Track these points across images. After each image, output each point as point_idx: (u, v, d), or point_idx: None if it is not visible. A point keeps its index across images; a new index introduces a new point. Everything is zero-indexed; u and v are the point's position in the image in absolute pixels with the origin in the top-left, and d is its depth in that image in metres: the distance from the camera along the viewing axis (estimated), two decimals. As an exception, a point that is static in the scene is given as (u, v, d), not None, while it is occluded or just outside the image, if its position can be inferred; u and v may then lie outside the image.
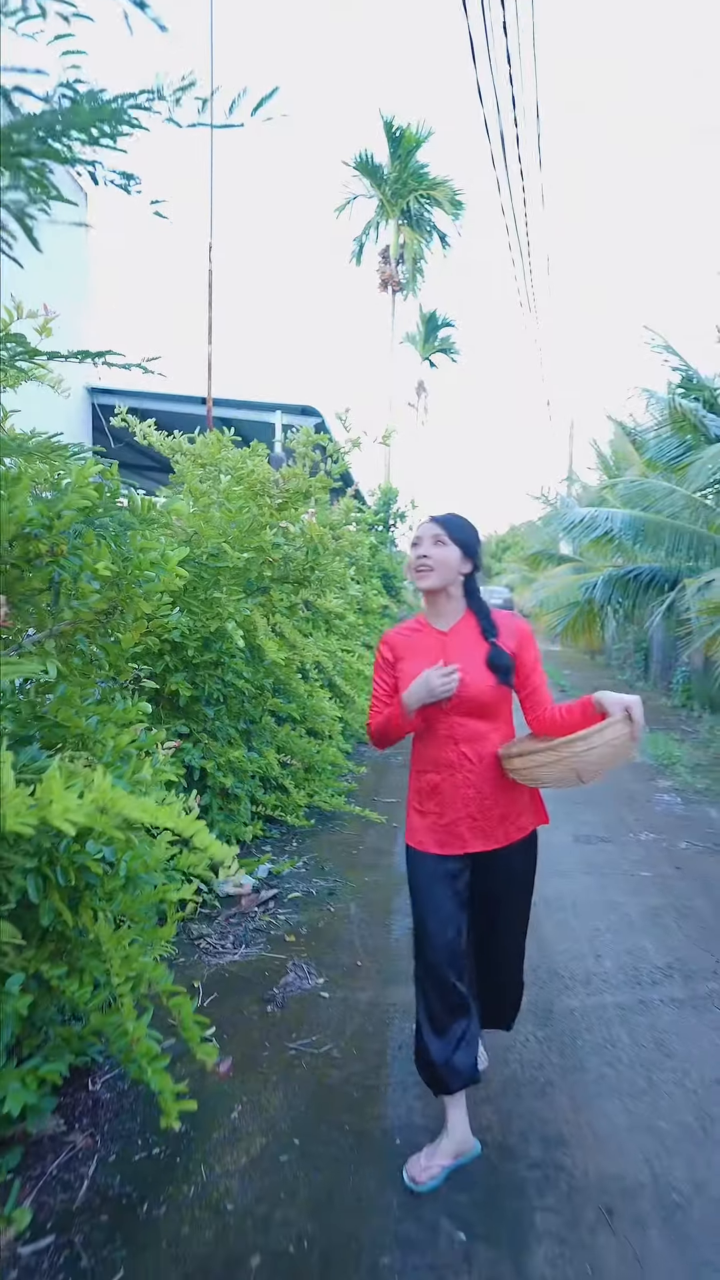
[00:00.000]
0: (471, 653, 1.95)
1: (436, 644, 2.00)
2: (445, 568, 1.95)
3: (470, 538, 2.00)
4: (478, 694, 1.92)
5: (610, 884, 3.90)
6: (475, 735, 1.96)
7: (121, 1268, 1.62)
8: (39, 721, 1.83)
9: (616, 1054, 2.42)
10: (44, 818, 1.36)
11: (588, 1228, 1.74)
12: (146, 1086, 2.18)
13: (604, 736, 1.75)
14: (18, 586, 1.77)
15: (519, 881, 2.07)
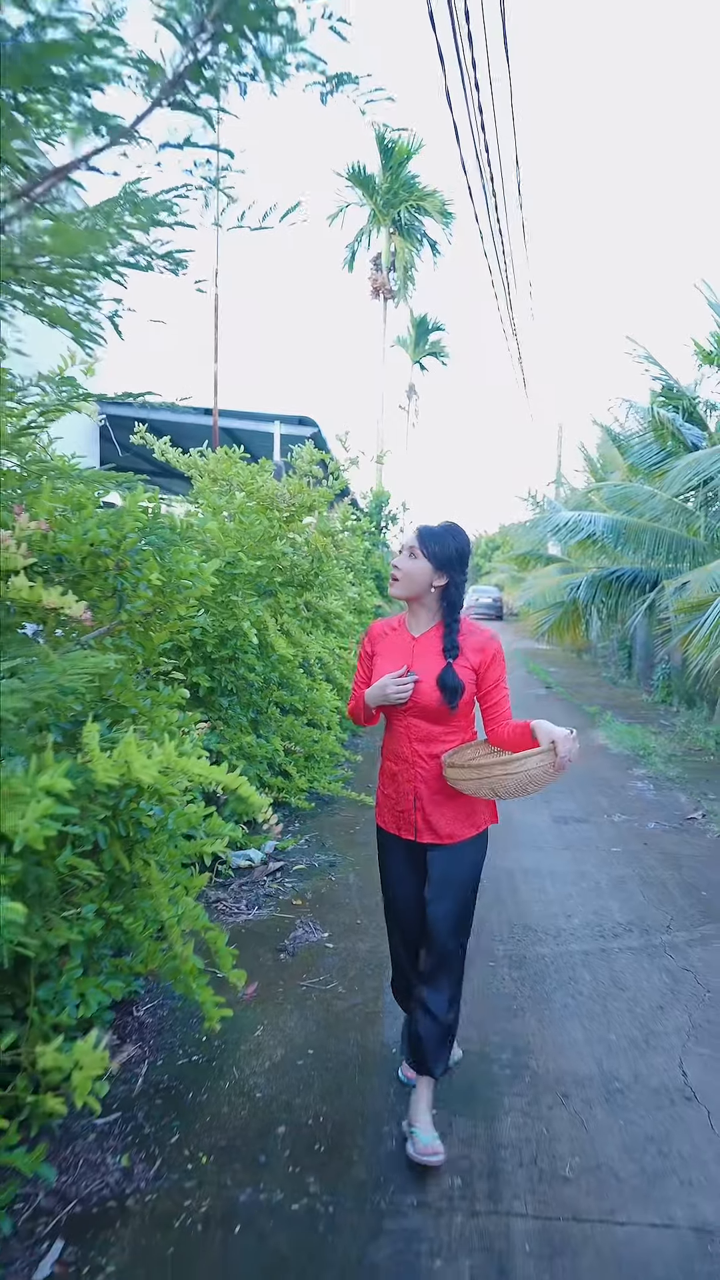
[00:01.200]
0: (431, 664, 2.05)
1: (406, 647, 2.10)
2: (411, 580, 2.04)
3: (446, 551, 2.03)
4: (428, 703, 2.03)
5: (583, 858, 4.34)
6: (429, 736, 2.08)
7: (177, 1133, 2.04)
8: (104, 703, 2.24)
9: (578, 988, 2.85)
10: (125, 773, 1.80)
11: (546, 1106, 2.17)
12: (182, 1012, 2.63)
13: (525, 765, 1.86)
14: (86, 594, 2.19)
15: (467, 874, 2.11)
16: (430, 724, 2.08)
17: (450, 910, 2.10)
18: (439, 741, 2.08)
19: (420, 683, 2.04)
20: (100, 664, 1.89)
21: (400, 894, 2.20)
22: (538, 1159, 1.97)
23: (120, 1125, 2.07)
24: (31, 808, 1.40)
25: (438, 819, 2.09)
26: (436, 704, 2.02)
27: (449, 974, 2.13)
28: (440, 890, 2.10)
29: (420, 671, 2.05)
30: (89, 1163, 1.93)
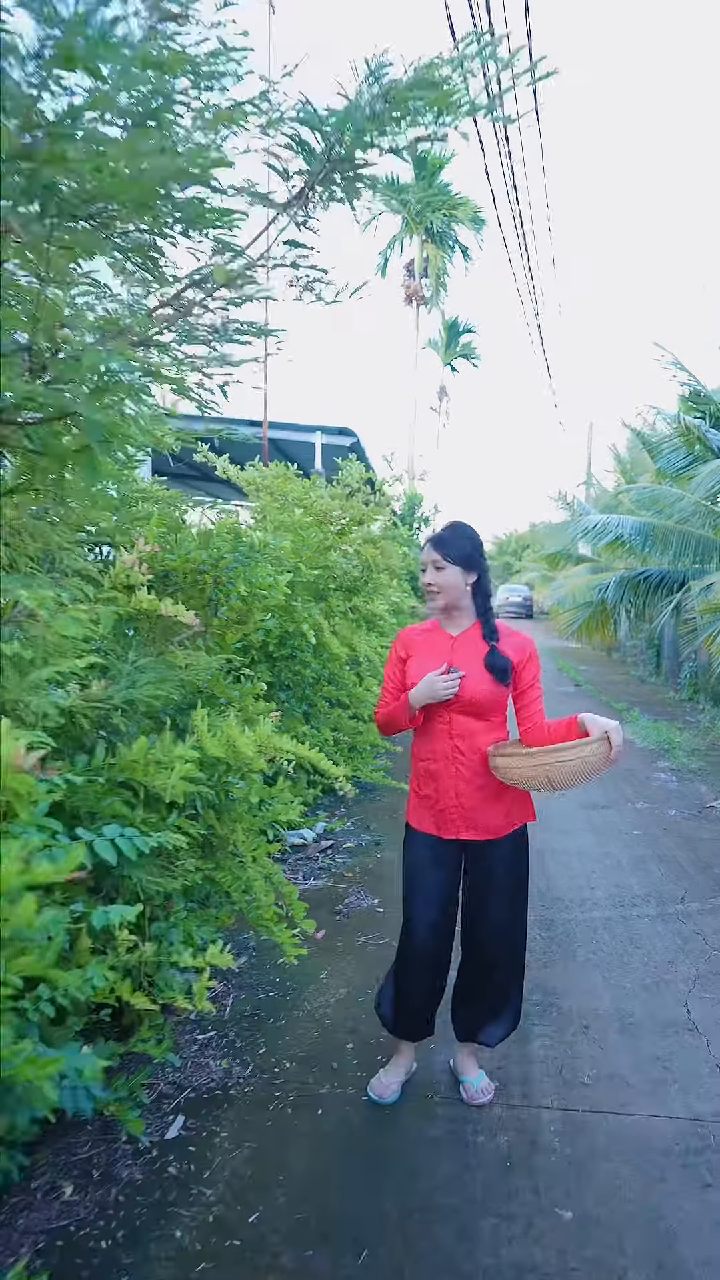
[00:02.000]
0: (474, 655, 2.11)
1: (445, 645, 2.16)
2: (449, 589, 2.11)
3: (466, 550, 2.11)
4: (475, 695, 2.08)
5: (607, 840, 4.74)
6: (469, 732, 2.12)
7: (263, 1046, 2.49)
8: (200, 694, 2.70)
9: (600, 946, 3.26)
10: (231, 750, 2.25)
11: (570, 1034, 2.59)
12: (257, 960, 3.07)
13: (580, 753, 1.91)
14: (188, 604, 2.64)
15: (508, 870, 2.18)
16: (473, 718, 2.12)
17: (502, 913, 2.17)
18: (478, 737, 2.12)
19: (466, 676, 2.08)
20: (213, 663, 2.34)
21: (423, 913, 2.19)
22: (562, 1070, 2.38)
23: (216, 1040, 2.52)
24: (176, 769, 1.85)
25: (479, 813, 2.13)
26: (488, 691, 2.08)
27: (507, 1000, 2.25)
28: (483, 893, 2.17)
29: (464, 666, 2.10)
30: (196, 1064, 2.38)
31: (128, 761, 1.90)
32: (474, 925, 2.22)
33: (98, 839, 1.58)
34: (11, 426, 1.69)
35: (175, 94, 1.71)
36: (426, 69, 1.85)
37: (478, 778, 2.12)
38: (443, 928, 2.19)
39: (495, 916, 2.18)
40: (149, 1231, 1.75)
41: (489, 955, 2.22)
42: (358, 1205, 1.85)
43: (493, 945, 2.20)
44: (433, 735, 2.18)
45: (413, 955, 2.20)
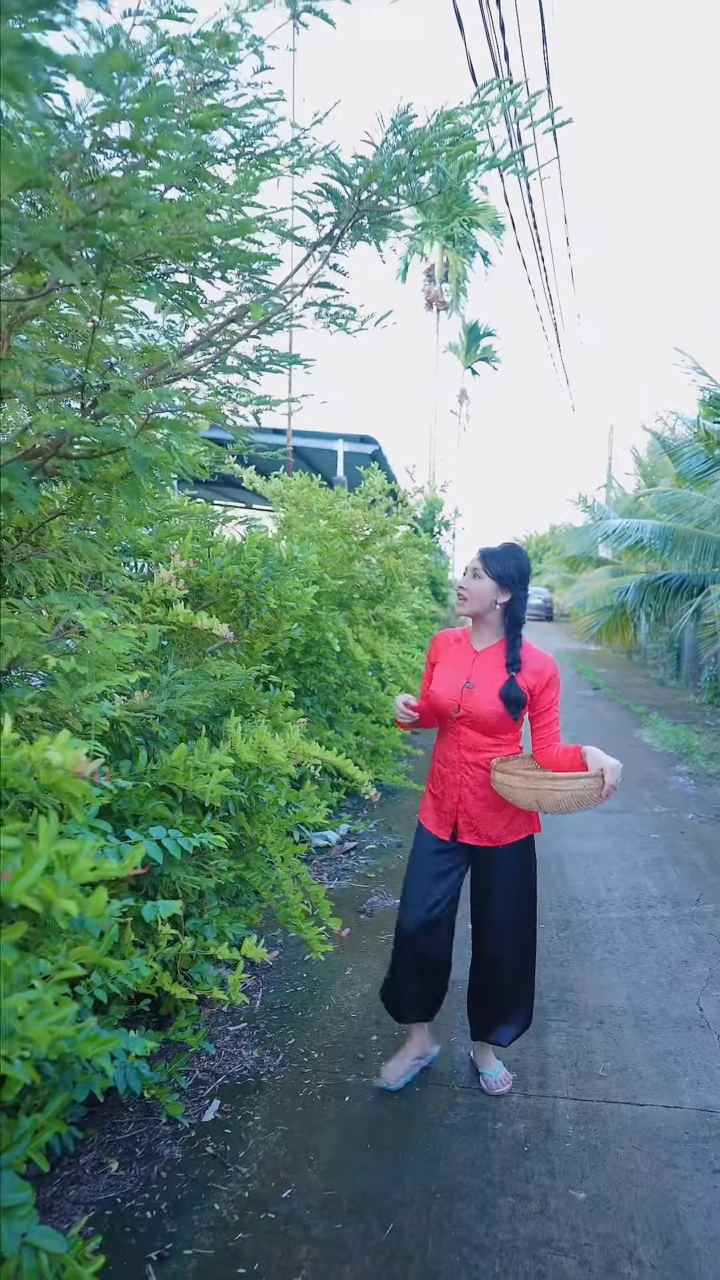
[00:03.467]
0: (491, 676, 2.17)
1: (467, 660, 2.23)
2: (477, 599, 2.16)
3: (508, 569, 2.16)
4: (481, 715, 2.16)
5: (624, 843, 4.83)
6: (476, 745, 2.21)
7: (293, 1037, 2.62)
8: (231, 701, 2.84)
9: (615, 945, 3.36)
10: (263, 755, 2.38)
11: (585, 1028, 2.70)
12: (285, 956, 3.20)
13: (574, 785, 1.99)
14: (221, 616, 2.78)
15: (513, 880, 2.26)
16: (481, 735, 2.20)
17: (506, 916, 2.26)
18: (485, 752, 2.20)
19: (477, 694, 2.16)
20: (248, 674, 2.48)
21: (411, 908, 2.28)
22: (578, 1063, 2.49)
23: (248, 1031, 2.66)
24: (215, 775, 1.98)
25: (480, 822, 2.21)
26: (495, 716, 2.15)
27: (517, 1002, 2.34)
28: (486, 895, 2.28)
29: (479, 684, 2.17)
30: (229, 1053, 2.52)
31: (168, 767, 2.04)
32: (479, 928, 2.33)
33: (145, 839, 1.71)
34: (64, 459, 1.84)
35: (215, 151, 1.85)
36: (447, 118, 1.98)
37: (481, 789, 2.21)
38: (431, 925, 2.27)
39: (498, 919, 2.27)
40: (190, 1204, 1.89)
41: (493, 956, 2.31)
42: (384, 1184, 1.97)
43: (496, 947, 2.30)
44: (446, 743, 2.29)
45: (401, 946, 2.32)
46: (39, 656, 1.70)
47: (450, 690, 2.22)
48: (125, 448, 1.67)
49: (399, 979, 2.35)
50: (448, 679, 2.23)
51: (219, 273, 1.99)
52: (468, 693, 2.18)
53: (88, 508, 2.11)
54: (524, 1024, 2.38)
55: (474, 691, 2.17)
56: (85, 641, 1.69)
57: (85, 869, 1.06)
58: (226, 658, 2.93)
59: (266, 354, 2.43)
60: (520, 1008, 2.36)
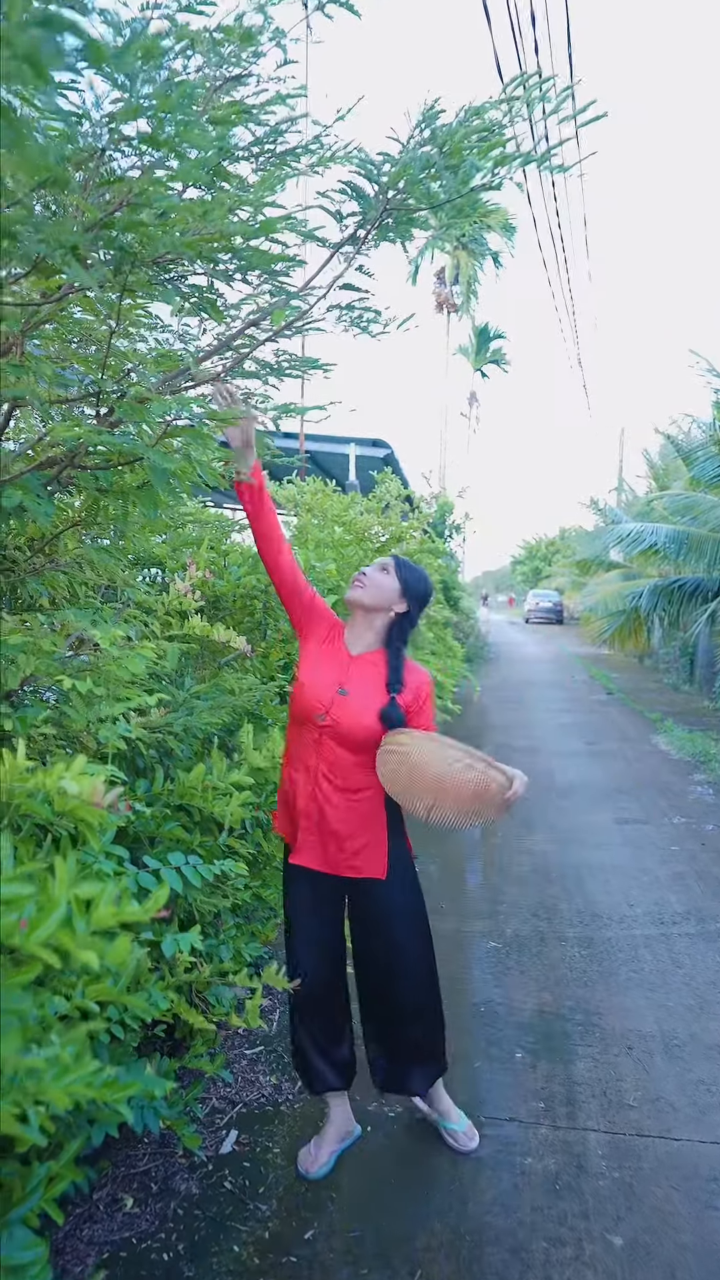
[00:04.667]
0: (368, 691, 1.95)
1: (341, 660, 2.00)
2: (377, 591, 1.99)
3: (416, 585, 2.03)
4: (351, 731, 1.92)
5: (644, 855, 4.73)
6: (338, 764, 1.95)
7: (311, 1062, 2.54)
8: (250, 714, 2.76)
9: (640, 965, 3.27)
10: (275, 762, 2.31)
11: (613, 1054, 2.61)
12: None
13: (488, 774, 1.79)
14: (238, 627, 2.71)
15: (394, 918, 2.04)
16: (347, 752, 1.94)
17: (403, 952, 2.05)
18: (348, 775, 1.96)
19: (352, 706, 1.93)
20: (268, 690, 2.41)
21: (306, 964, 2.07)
22: (607, 1092, 2.40)
23: (265, 1056, 2.58)
24: (234, 798, 1.91)
25: (330, 848, 1.98)
26: (368, 735, 1.92)
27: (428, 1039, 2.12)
28: (369, 926, 2.06)
29: (354, 694, 1.94)
30: (246, 1079, 2.44)
31: (186, 788, 1.97)
32: (366, 961, 2.10)
33: (164, 867, 1.64)
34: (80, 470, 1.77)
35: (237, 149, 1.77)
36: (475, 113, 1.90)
37: (339, 808, 1.96)
38: (327, 976, 2.09)
39: (397, 981, 2.06)
40: (208, 1245, 1.81)
41: (393, 993, 2.08)
42: (409, 1225, 1.89)
43: (395, 979, 2.07)
44: (304, 742, 2.00)
45: (296, 1007, 2.12)
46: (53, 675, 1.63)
47: (320, 690, 1.95)
48: (143, 457, 1.61)
49: (306, 1045, 2.11)
50: (319, 675, 1.97)
51: (239, 274, 1.92)
52: (340, 701, 1.93)
53: (103, 518, 2.04)
54: (439, 1068, 2.16)
55: (348, 701, 1.92)
56: (101, 658, 1.61)
57: (107, 915, 0.98)
58: (242, 669, 2.86)
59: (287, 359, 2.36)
60: (433, 1049, 2.15)
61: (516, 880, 4.27)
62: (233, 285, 2.09)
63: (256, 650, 2.90)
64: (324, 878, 2.00)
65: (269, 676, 3.18)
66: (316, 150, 2.12)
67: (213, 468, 1.71)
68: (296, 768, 2.01)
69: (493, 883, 4.24)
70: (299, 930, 2.07)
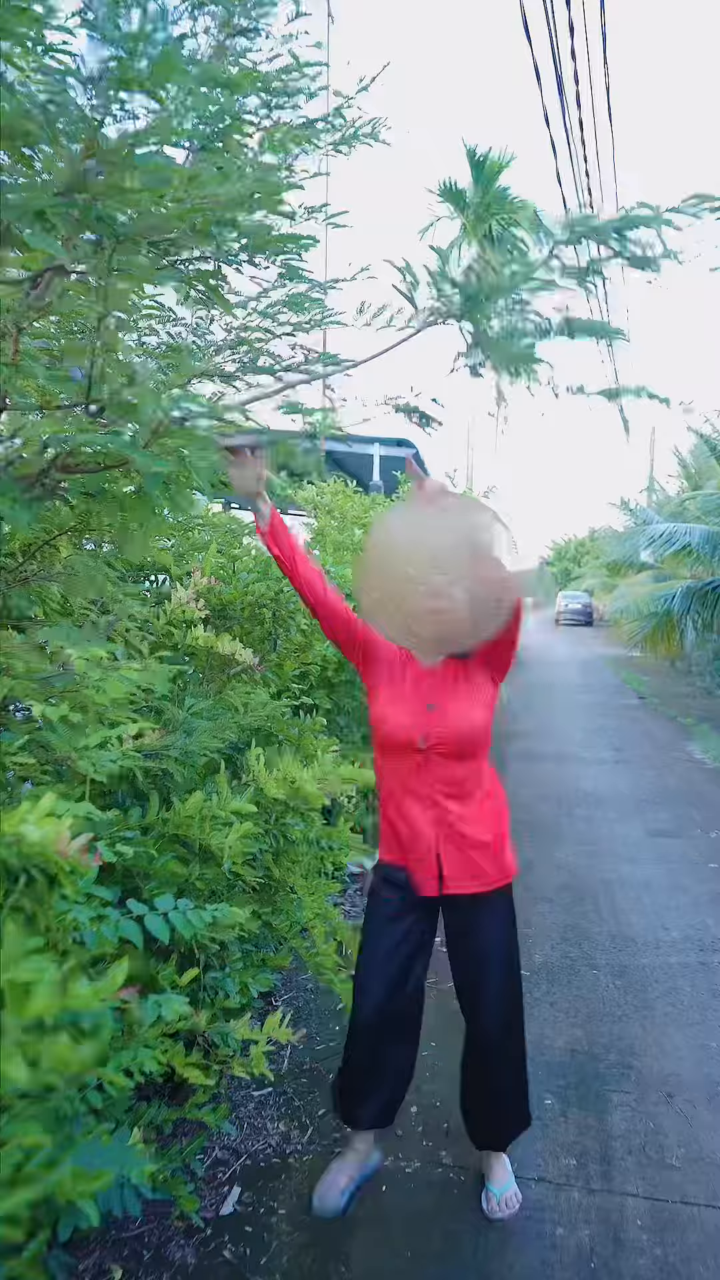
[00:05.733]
0: (459, 695, 1.88)
1: (420, 679, 1.90)
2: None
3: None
4: (460, 738, 1.84)
5: (678, 871, 4.49)
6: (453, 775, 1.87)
7: (322, 1107, 2.36)
8: (257, 732, 2.59)
9: (679, 998, 3.05)
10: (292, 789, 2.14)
11: (651, 1103, 2.40)
12: (315, 1004, 2.95)
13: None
14: (246, 638, 2.54)
15: (503, 934, 1.99)
16: (455, 762, 1.86)
17: (499, 986, 1.95)
18: (461, 784, 1.88)
19: (450, 715, 1.84)
20: (276, 708, 2.23)
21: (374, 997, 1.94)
22: (646, 1147, 2.20)
23: (274, 1098, 2.41)
24: (234, 829, 1.73)
25: (464, 864, 1.88)
26: (475, 735, 1.86)
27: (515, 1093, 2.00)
28: (475, 962, 1.96)
29: (445, 704, 1.86)
30: (253, 1126, 2.27)
31: (183, 817, 1.80)
32: (471, 1005, 2.00)
33: (149, 913, 1.47)
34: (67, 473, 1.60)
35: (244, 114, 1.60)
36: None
37: (461, 823, 1.88)
38: (397, 1012, 1.97)
39: (492, 991, 1.96)
40: (203, 1327, 1.64)
41: (488, 1039, 1.98)
42: (427, 1305, 1.71)
43: (491, 1027, 1.97)
44: (406, 771, 1.89)
45: (356, 1037, 1.98)
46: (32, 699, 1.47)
47: (408, 717, 1.84)
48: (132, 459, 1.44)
49: (353, 1075, 1.98)
50: (401, 704, 1.87)
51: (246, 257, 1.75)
52: (433, 716, 1.83)
53: (96, 525, 1.88)
54: (518, 1123, 2.03)
55: (444, 713, 1.83)
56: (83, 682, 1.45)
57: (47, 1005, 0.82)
58: (252, 682, 2.69)
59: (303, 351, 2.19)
60: (518, 1099, 2.02)
61: (544, 898, 4.06)
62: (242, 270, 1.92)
63: (268, 662, 2.73)
64: (422, 900, 1.92)
65: (283, 689, 3.01)
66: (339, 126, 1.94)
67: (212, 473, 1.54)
68: (405, 799, 1.90)
69: (519, 901, 4.00)
70: (375, 943, 1.95)
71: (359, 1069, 1.96)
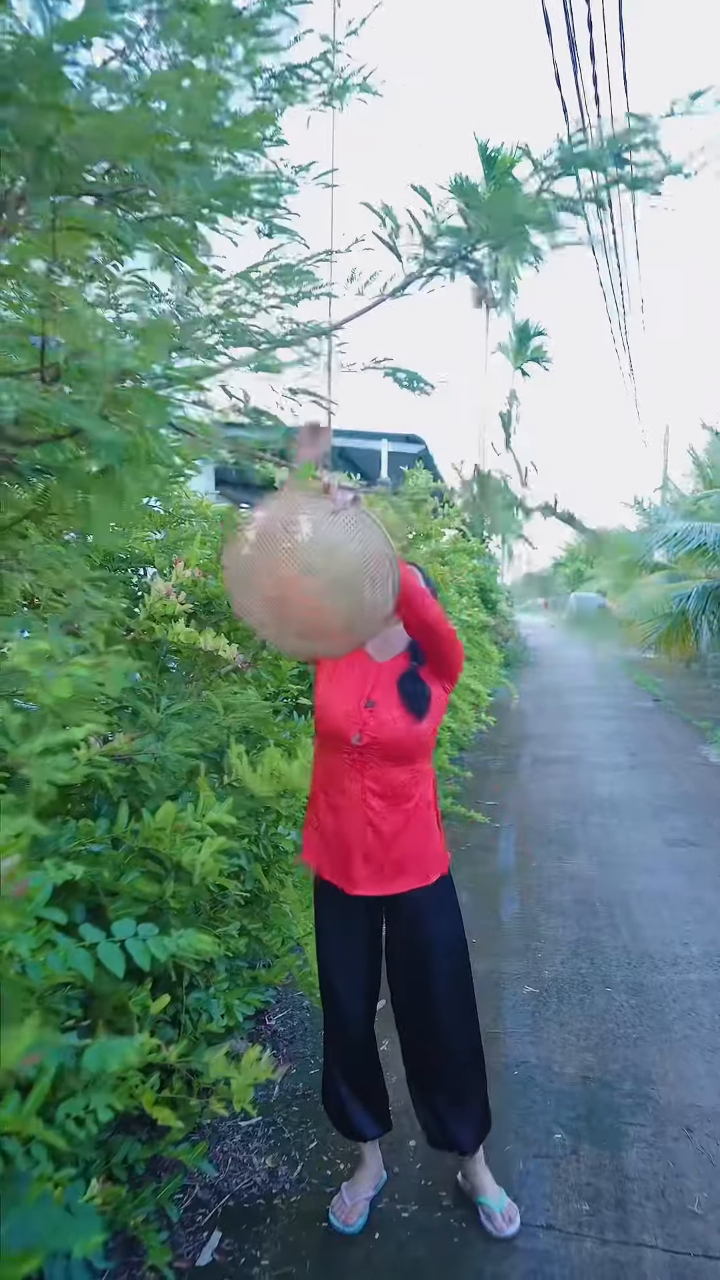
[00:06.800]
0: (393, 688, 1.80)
1: (367, 672, 1.83)
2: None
3: (431, 580, 2.01)
4: (395, 740, 1.76)
5: (698, 883, 4.29)
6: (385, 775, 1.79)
7: (315, 1139, 2.19)
8: (247, 735, 2.42)
9: (699, 1019, 2.85)
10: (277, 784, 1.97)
11: (670, 1138, 2.21)
12: (311, 1022, 2.78)
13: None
14: (233, 633, 2.37)
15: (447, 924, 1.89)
16: (392, 764, 1.77)
17: (446, 978, 1.86)
18: (400, 786, 1.78)
19: (386, 716, 1.75)
20: (260, 708, 2.07)
21: (351, 1002, 1.90)
22: (665, 1191, 2.01)
23: (263, 1128, 2.24)
24: (207, 844, 1.57)
25: (389, 864, 1.79)
26: (411, 739, 1.76)
27: (471, 1091, 1.91)
28: (415, 956, 1.86)
29: (385, 703, 1.77)
30: (237, 1161, 2.10)
31: (152, 831, 1.63)
32: (411, 1002, 1.92)
33: (104, 941, 1.30)
34: (20, 445, 1.44)
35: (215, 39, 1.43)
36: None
37: (387, 825, 1.79)
38: (367, 1012, 1.96)
39: (439, 985, 1.87)
40: None
41: (441, 1035, 1.89)
42: None
43: (442, 1023, 1.88)
44: (339, 767, 1.81)
45: (339, 1047, 1.96)
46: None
47: (345, 708, 1.78)
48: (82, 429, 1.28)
49: (343, 1091, 1.95)
50: (340, 691, 1.80)
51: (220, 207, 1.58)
52: (369, 713, 1.76)
53: (59, 509, 1.72)
54: (483, 1120, 1.95)
55: (380, 712, 1.75)
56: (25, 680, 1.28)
57: None
58: (244, 681, 2.52)
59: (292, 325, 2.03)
60: (474, 1097, 1.93)
61: (556, 910, 3.87)
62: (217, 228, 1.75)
63: (259, 660, 2.56)
64: (359, 899, 1.82)
65: (279, 688, 2.84)
66: (327, 78, 1.77)
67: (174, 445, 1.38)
68: (334, 795, 1.82)
69: (530, 913, 3.85)
70: (333, 960, 1.90)
71: (354, 1075, 1.94)
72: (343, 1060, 1.93)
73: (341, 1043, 1.92)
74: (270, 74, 1.64)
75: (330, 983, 1.90)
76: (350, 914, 1.85)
